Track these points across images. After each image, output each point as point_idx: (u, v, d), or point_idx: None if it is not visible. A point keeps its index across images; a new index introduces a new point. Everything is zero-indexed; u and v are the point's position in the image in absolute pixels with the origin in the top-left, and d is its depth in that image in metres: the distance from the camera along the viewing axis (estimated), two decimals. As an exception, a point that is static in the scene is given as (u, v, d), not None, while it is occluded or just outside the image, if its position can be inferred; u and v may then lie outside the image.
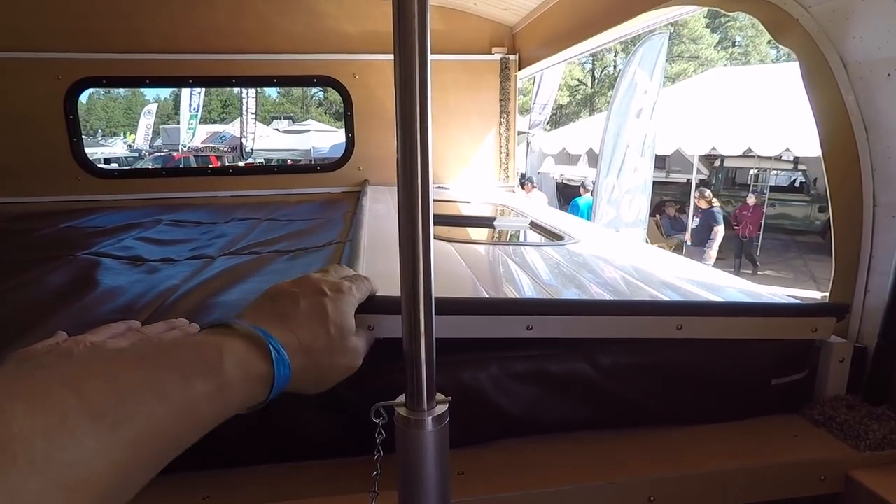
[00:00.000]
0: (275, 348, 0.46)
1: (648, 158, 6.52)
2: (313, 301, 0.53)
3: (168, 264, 1.23)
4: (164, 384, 0.36)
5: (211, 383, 0.39)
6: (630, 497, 0.64)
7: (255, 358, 0.44)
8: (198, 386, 0.38)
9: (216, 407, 0.40)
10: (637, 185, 6.47)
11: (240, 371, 0.42)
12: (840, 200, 0.82)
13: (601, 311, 0.71)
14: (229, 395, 0.41)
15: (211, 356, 0.41)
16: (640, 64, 6.18)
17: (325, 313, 0.52)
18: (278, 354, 0.46)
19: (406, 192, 0.48)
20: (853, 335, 0.80)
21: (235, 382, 0.42)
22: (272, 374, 0.45)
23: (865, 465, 0.67)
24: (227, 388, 0.41)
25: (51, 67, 2.12)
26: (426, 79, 0.47)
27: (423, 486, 0.53)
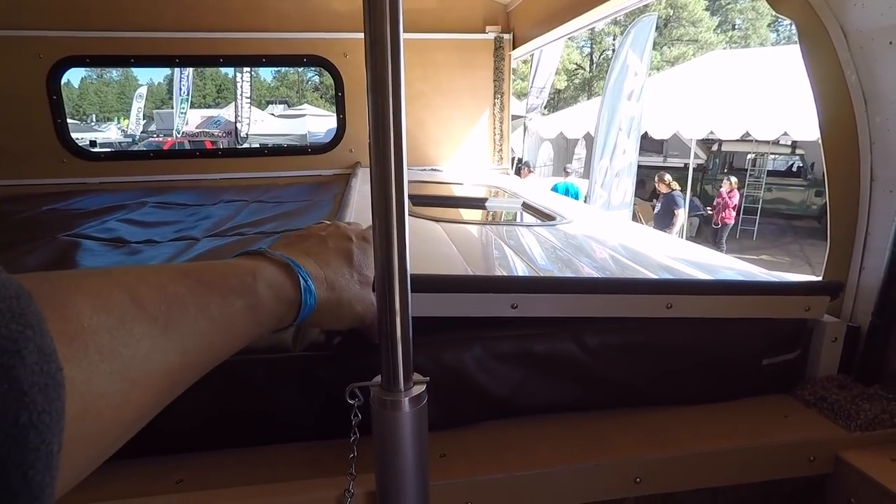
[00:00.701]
0: (303, 277, 0.49)
1: (634, 140, 6.54)
2: (340, 245, 0.56)
3: (150, 246, 1.20)
4: (205, 298, 0.39)
5: (246, 301, 0.42)
6: (616, 478, 0.63)
7: (285, 283, 0.47)
8: (235, 303, 0.41)
9: (249, 323, 0.43)
10: (624, 167, 6.50)
11: (272, 293, 0.45)
12: (837, 174, 0.79)
13: (589, 289, 0.69)
14: (262, 313, 0.44)
15: (246, 277, 0.44)
16: (632, 45, 6.15)
17: (351, 257, 0.55)
18: (306, 283, 0.49)
19: (378, 163, 0.46)
20: (846, 314, 0.79)
21: (268, 303, 0.45)
22: (300, 300, 0.48)
23: (856, 446, 0.65)
24: (260, 308, 0.44)
25: (32, 46, 2.06)
26: (398, 46, 0.44)
27: (401, 468, 0.51)
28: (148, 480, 0.58)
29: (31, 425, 0.20)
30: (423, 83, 2.41)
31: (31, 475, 0.20)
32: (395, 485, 0.51)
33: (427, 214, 1.23)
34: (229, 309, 0.41)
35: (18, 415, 0.20)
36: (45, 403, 0.21)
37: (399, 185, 0.46)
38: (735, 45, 22.22)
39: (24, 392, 0.20)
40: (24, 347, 0.21)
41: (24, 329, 0.21)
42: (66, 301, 0.29)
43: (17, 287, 0.22)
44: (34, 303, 0.22)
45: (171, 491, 0.56)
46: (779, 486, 0.68)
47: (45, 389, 0.21)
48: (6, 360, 0.20)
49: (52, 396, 0.22)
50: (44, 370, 0.22)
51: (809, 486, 0.67)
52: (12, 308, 0.21)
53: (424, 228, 1.10)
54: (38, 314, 0.22)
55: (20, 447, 0.20)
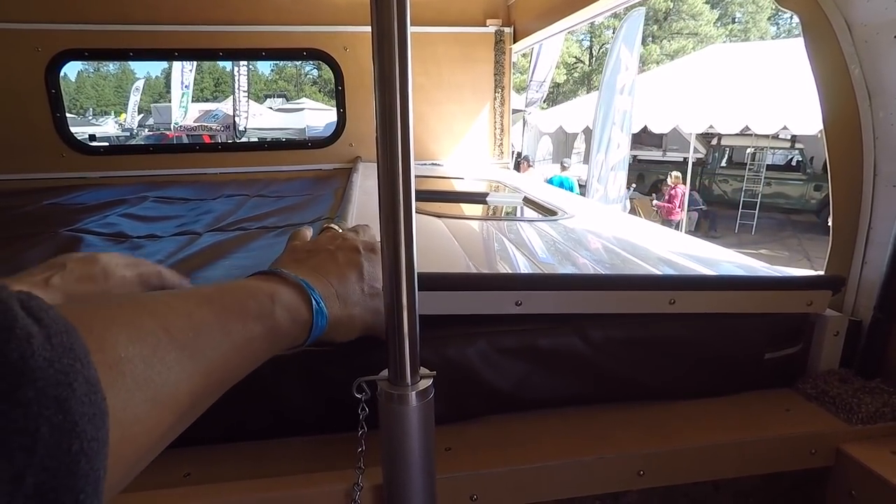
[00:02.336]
0: (316, 300, 0.50)
1: (627, 135, 6.56)
2: (350, 258, 0.56)
3: (152, 241, 1.20)
4: (228, 323, 0.41)
5: (264, 325, 0.44)
6: (619, 471, 0.63)
7: (300, 306, 0.49)
8: (254, 327, 0.43)
9: (267, 345, 0.45)
10: (618, 161, 6.53)
11: (288, 317, 0.47)
12: (840, 169, 0.79)
13: (592, 285, 0.69)
14: (278, 336, 0.46)
15: (265, 302, 0.46)
16: (624, 40, 6.17)
17: (361, 270, 0.56)
18: (318, 306, 0.50)
19: (386, 162, 0.46)
20: (848, 308, 0.79)
21: (284, 326, 0.46)
22: (312, 322, 0.49)
23: (856, 439, 0.66)
24: (277, 331, 0.46)
25: (30, 39, 2.05)
26: (405, 44, 0.44)
27: (408, 461, 0.52)
28: (156, 474, 0.58)
29: (81, 453, 0.22)
30: (423, 77, 2.40)
31: (82, 499, 0.21)
32: (403, 478, 0.52)
33: (429, 210, 1.23)
34: (250, 334, 0.43)
35: (71, 443, 0.21)
36: (94, 431, 0.23)
37: (406, 183, 0.46)
38: (735, 39, 22.14)
39: (75, 422, 0.22)
40: (74, 380, 0.22)
41: (73, 363, 0.23)
42: (104, 333, 0.30)
43: (64, 322, 0.24)
44: (80, 336, 0.24)
45: (179, 484, 0.57)
46: (780, 479, 0.68)
47: (93, 419, 0.23)
48: (60, 392, 0.21)
49: (98, 425, 0.23)
50: (91, 400, 0.23)
51: (810, 478, 0.68)
52: (63, 343, 0.23)
53: (426, 224, 1.10)
54: (84, 347, 0.24)
55: (73, 474, 0.21)
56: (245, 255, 1.03)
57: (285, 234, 1.23)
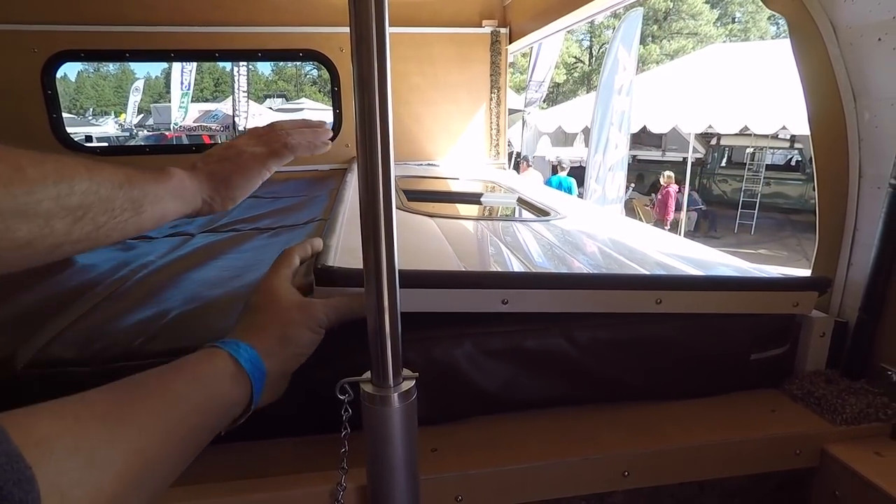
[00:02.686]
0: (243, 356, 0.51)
1: (625, 135, 6.54)
2: (258, 300, 0.58)
3: (145, 241, 1.20)
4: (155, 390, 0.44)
5: (193, 385, 0.47)
6: (605, 472, 0.64)
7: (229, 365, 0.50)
8: (183, 388, 0.46)
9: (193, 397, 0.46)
10: (617, 161, 6.52)
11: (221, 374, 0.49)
12: (826, 171, 0.80)
13: (579, 284, 0.69)
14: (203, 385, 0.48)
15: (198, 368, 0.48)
16: (622, 40, 6.16)
17: (271, 308, 0.57)
18: (237, 347, 0.51)
19: (365, 159, 0.46)
20: (834, 310, 0.79)
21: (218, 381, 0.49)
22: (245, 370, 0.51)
23: (841, 439, 0.66)
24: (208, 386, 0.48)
25: (26, 40, 2.05)
26: (384, 40, 0.44)
27: (391, 462, 0.52)
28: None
29: None
30: (419, 77, 2.40)
31: None
32: (386, 478, 0.52)
33: (422, 209, 1.23)
34: (183, 394, 0.45)
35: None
36: (21, 494, 0.26)
37: (386, 181, 0.47)
38: (735, 39, 22.14)
39: (0, 487, 0.25)
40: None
41: None
42: (27, 419, 0.33)
43: None
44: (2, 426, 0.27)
45: None
46: (765, 480, 0.69)
47: (18, 483, 0.26)
48: None
49: (26, 489, 0.27)
50: (14, 468, 0.26)
51: (795, 479, 0.68)
52: None
53: (418, 223, 1.11)
54: (1, 428, 0.27)
55: None
56: (238, 255, 1.03)
57: (279, 235, 1.23)
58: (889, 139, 0.72)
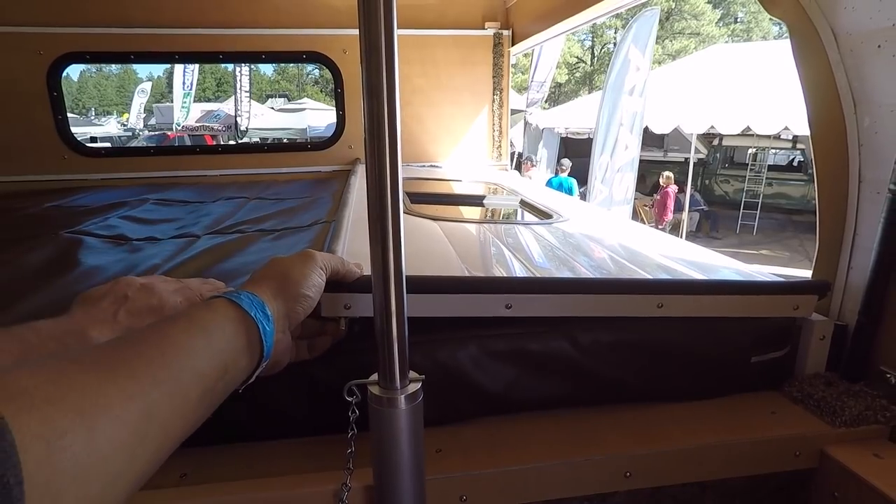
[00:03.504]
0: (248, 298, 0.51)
1: (637, 136, 6.46)
2: (283, 263, 0.59)
3: (152, 243, 1.21)
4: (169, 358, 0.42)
5: (206, 339, 0.45)
6: (606, 472, 0.65)
7: (240, 315, 0.50)
8: (197, 342, 0.44)
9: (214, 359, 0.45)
10: (626, 162, 6.45)
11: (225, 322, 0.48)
12: (826, 176, 0.80)
13: (581, 289, 0.70)
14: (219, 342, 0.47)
15: (205, 319, 0.47)
16: (634, 40, 6.09)
17: (291, 268, 0.58)
18: (250, 301, 0.50)
19: (374, 165, 0.47)
20: (834, 313, 0.80)
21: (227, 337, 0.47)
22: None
23: (840, 441, 0.67)
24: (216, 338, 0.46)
25: (32, 42, 2.07)
26: (392, 49, 0.45)
27: (397, 463, 0.53)
28: (153, 475, 0.60)
29: None
30: (422, 79, 2.41)
31: None
32: (392, 479, 0.53)
33: (425, 213, 1.24)
34: (193, 352, 0.44)
35: None
36: None
37: (394, 188, 0.48)
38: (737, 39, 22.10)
39: None
40: None
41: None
42: (3, 376, 0.31)
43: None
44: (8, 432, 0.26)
45: (176, 485, 0.58)
46: (765, 481, 0.69)
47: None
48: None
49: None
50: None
51: (795, 480, 0.69)
52: None
53: (422, 227, 1.12)
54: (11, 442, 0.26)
55: None
56: (243, 258, 1.04)
57: (283, 237, 1.24)
58: (889, 144, 0.72)
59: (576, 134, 10.99)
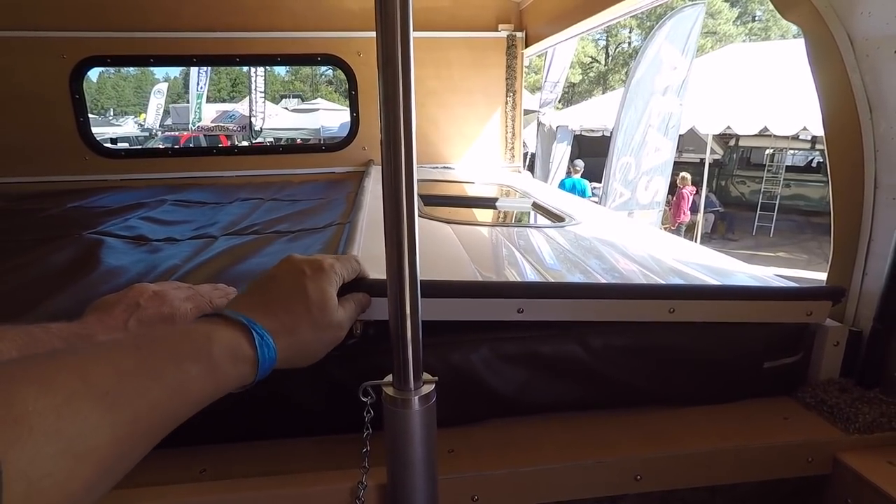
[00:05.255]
0: (258, 334, 0.49)
1: (671, 139, 6.21)
2: (294, 282, 0.55)
3: (171, 244, 1.24)
4: (159, 368, 0.40)
5: (201, 366, 0.43)
6: (617, 475, 0.65)
7: (242, 343, 0.48)
8: (190, 369, 0.42)
9: (207, 387, 0.44)
10: (657, 165, 6.22)
11: (228, 355, 0.46)
12: (841, 182, 0.80)
13: (593, 294, 0.71)
14: (219, 376, 0.45)
15: (201, 343, 0.45)
16: (669, 38, 5.81)
17: (306, 293, 0.54)
18: (262, 339, 0.49)
19: (390, 170, 0.48)
20: (849, 319, 0.80)
21: (224, 365, 0.45)
22: (257, 358, 0.48)
23: (853, 448, 0.67)
24: (217, 371, 0.45)
25: (56, 46, 2.12)
26: (408, 54, 0.47)
27: (410, 462, 0.54)
28: (173, 470, 0.62)
29: None
30: (435, 81, 2.42)
31: None
32: (406, 478, 0.54)
33: (438, 215, 1.26)
34: (184, 376, 0.42)
35: None
36: None
37: (409, 195, 0.49)
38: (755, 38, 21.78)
39: None
40: None
41: None
42: (10, 389, 0.30)
43: None
44: None
45: (195, 480, 0.60)
46: (777, 486, 0.69)
47: None
48: None
49: None
50: None
51: (807, 486, 0.69)
52: None
53: (435, 230, 1.13)
54: None
55: None
56: (260, 259, 1.06)
57: (298, 239, 1.26)
58: (905, 150, 0.72)
59: (590, 132, 10.86)
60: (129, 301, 0.60)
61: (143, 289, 0.61)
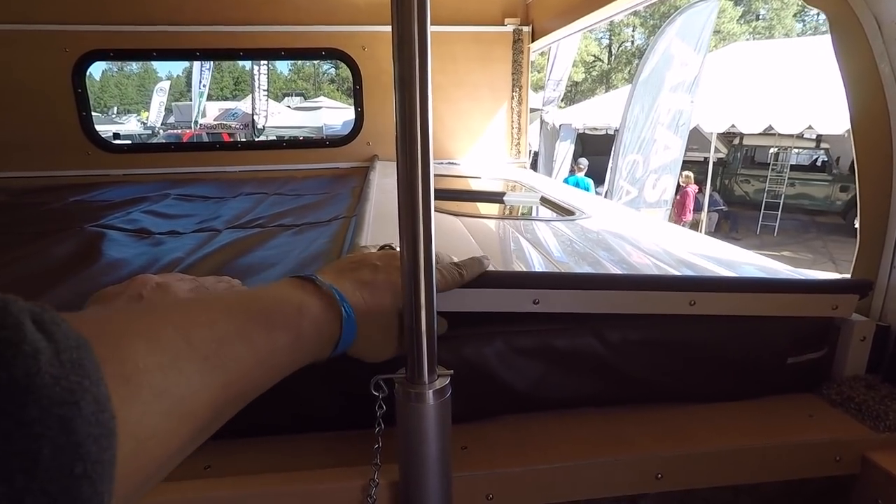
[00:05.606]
0: (347, 312, 0.49)
1: (682, 137, 6.09)
2: (393, 277, 0.54)
3: (174, 237, 1.22)
4: (252, 334, 0.40)
5: (289, 337, 0.44)
6: (637, 474, 0.63)
7: (328, 319, 0.48)
8: (279, 339, 0.42)
9: (291, 358, 0.44)
10: (666, 163, 6.12)
11: (314, 329, 0.46)
12: (868, 171, 0.77)
13: (610, 285, 0.68)
14: (302, 348, 0.45)
15: (292, 313, 0.45)
16: (680, 34, 5.70)
17: (398, 290, 0.52)
18: (349, 318, 0.49)
19: (405, 159, 0.46)
20: (876, 313, 0.77)
21: (309, 338, 0.46)
22: (339, 336, 0.48)
23: (883, 447, 0.64)
24: (302, 342, 0.45)
25: (58, 40, 2.10)
26: (426, 46, 0.44)
27: (424, 459, 0.52)
28: (177, 466, 0.59)
29: (84, 476, 0.21)
30: (440, 76, 2.40)
31: None
32: (419, 475, 0.52)
33: (446, 208, 1.23)
34: (273, 346, 0.42)
35: (74, 466, 0.20)
36: (99, 453, 0.22)
37: (426, 181, 0.47)
38: (759, 36, 21.70)
39: (79, 443, 0.21)
40: (81, 398, 0.22)
41: (81, 380, 0.22)
42: (121, 343, 0.30)
43: (76, 337, 0.23)
44: (92, 352, 0.24)
45: (200, 476, 0.58)
46: (802, 486, 0.67)
47: (98, 440, 0.22)
48: (65, 411, 0.21)
49: (104, 446, 0.23)
50: (98, 420, 0.22)
51: (834, 486, 0.67)
52: (72, 359, 0.22)
53: (444, 222, 1.11)
54: (95, 363, 0.24)
55: (74, 498, 0.20)
56: (264, 252, 1.04)
57: (303, 232, 1.24)
58: (935, 138, 0.69)
59: (593, 130, 10.82)
60: (131, 292, 0.57)
61: (146, 280, 0.59)
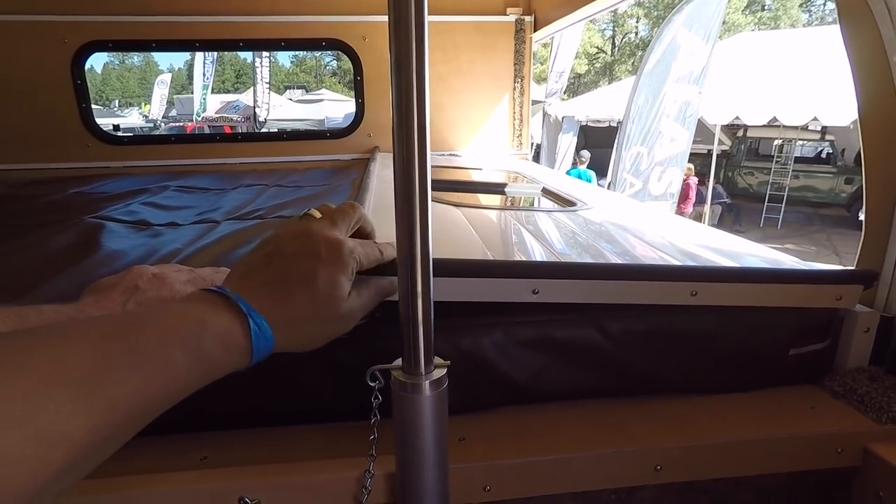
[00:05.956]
0: (256, 324, 0.45)
1: (689, 128, 5.96)
2: (306, 267, 0.50)
3: (172, 228, 1.22)
4: (144, 354, 0.38)
5: (190, 355, 0.41)
6: (636, 466, 0.62)
7: (236, 332, 0.45)
8: (176, 357, 0.40)
9: (194, 375, 0.41)
10: (672, 156, 5.97)
11: (219, 345, 0.43)
12: (875, 162, 0.76)
13: (611, 275, 0.67)
14: (208, 364, 0.42)
15: (192, 330, 0.42)
16: (686, 23, 5.58)
17: (315, 282, 0.49)
18: (259, 330, 0.45)
19: (401, 145, 0.45)
20: (880, 304, 0.76)
21: (215, 353, 0.43)
22: (251, 348, 0.45)
23: (886, 439, 0.64)
24: (206, 359, 0.42)
25: (57, 30, 2.09)
26: (423, 28, 0.43)
27: (420, 450, 0.51)
28: (173, 457, 0.59)
29: None
30: (442, 66, 2.38)
31: None
32: (415, 466, 0.52)
33: (446, 199, 1.22)
34: (170, 363, 0.39)
35: None
36: None
37: (422, 168, 0.46)
38: (764, 27, 21.49)
39: None
40: None
41: None
42: None
43: None
44: None
45: (196, 467, 0.57)
46: (804, 478, 0.66)
47: None
48: None
49: None
50: None
51: (836, 478, 0.66)
52: None
53: (444, 213, 1.10)
54: None
55: None
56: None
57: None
58: (944, 126, 0.68)
59: (596, 122, 10.74)
60: (127, 283, 0.57)
61: (143, 271, 0.59)
